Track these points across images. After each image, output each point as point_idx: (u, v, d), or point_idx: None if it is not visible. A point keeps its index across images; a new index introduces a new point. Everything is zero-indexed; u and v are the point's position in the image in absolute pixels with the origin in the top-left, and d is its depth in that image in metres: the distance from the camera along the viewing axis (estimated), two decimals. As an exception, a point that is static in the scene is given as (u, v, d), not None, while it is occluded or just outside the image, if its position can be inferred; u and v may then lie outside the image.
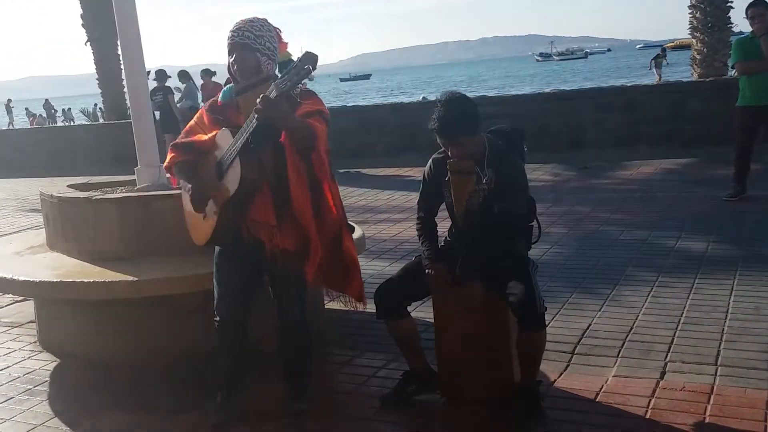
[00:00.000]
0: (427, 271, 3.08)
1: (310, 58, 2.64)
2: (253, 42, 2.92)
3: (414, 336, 3.24)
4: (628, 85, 11.74)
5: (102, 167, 12.23)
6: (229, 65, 3.00)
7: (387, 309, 3.15)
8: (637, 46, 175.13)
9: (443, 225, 3.31)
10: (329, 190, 3.00)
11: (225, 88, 3.06)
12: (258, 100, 2.68)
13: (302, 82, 2.71)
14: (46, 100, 38.76)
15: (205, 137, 2.99)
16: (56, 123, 32.67)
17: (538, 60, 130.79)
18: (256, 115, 2.70)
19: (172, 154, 3.06)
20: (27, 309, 4.66)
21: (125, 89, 4.37)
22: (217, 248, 3.08)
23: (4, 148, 15.27)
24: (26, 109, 36.19)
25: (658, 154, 9.44)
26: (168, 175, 3.20)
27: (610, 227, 6.14)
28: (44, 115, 35.41)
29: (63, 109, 36.50)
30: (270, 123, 2.73)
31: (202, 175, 3.00)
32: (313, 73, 2.68)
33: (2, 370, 3.90)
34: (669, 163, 9.01)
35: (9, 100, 42.80)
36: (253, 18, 2.99)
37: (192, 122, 3.13)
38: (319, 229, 2.95)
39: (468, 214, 3.05)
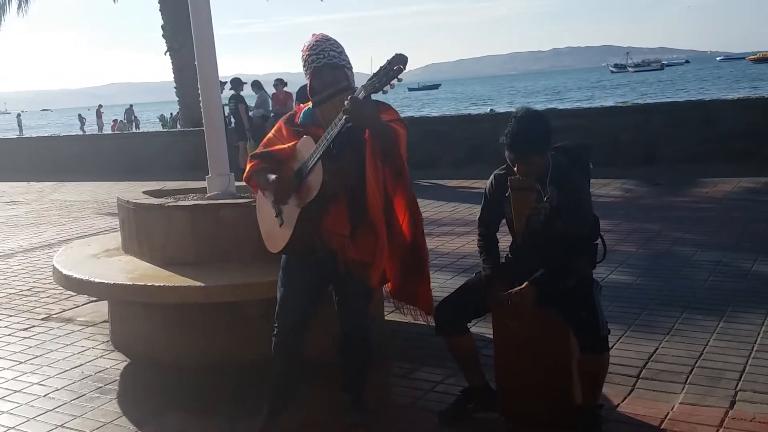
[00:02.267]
0: (487, 288, 3.05)
1: (400, 59, 2.66)
2: (339, 60, 2.96)
3: (473, 353, 3.21)
4: (706, 99, 11.33)
5: (177, 173, 12.66)
6: (309, 88, 3.00)
7: (446, 325, 3.14)
8: (718, 58, 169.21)
9: (505, 241, 3.28)
10: (404, 198, 3.02)
11: (305, 110, 3.08)
12: (346, 102, 2.71)
13: (391, 82, 2.68)
14: (130, 106, 40.41)
15: (284, 146, 3.03)
16: (138, 129, 34.05)
17: (612, 71, 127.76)
18: (342, 117, 2.72)
19: (252, 163, 3.11)
20: (101, 309, 4.85)
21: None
22: (284, 256, 3.11)
23: (87, 151, 15.99)
24: (116, 118, 37.97)
25: (736, 171, 9.07)
26: (248, 184, 3.21)
27: (682, 247, 5.94)
28: (125, 120, 36.91)
29: (131, 116, 38.14)
30: (358, 123, 2.74)
31: (283, 178, 3.01)
32: (399, 76, 2.67)
33: (75, 368, 4.08)
34: (748, 182, 8.66)
35: (100, 106, 44.95)
36: (325, 36, 3.03)
37: (270, 134, 3.17)
38: (389, 237, 2.96)
39: (528, 231, 3.02)
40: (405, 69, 2.66)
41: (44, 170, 15.58)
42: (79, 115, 51.51)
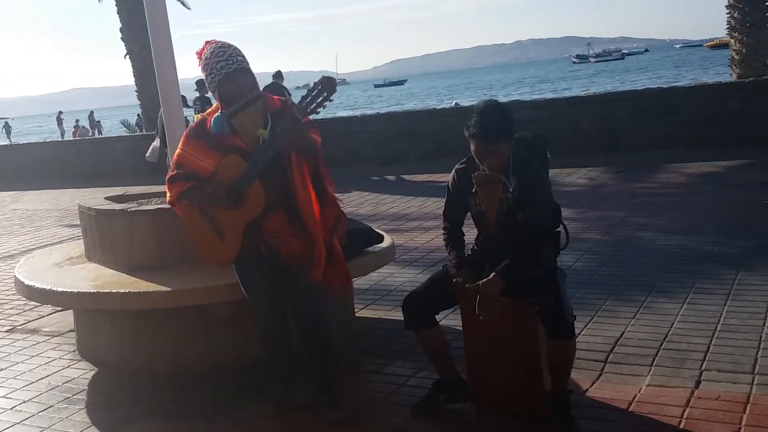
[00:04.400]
0: (454, 279, 3.07)
1: (329, 87, 2.89)
2: (246, 63, 3.02)
3: (443, 345, 3.23)
4: (665, 87, 11.53)
5: (141, 177, 12.48)
6: (219, 95, 3.01)
7: (415, 319, 3.15)
8: (677, 46, 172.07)
9: (471, 234, 3.30)
10: (330, 189, 3.19)
11: (215, 117, 3.06)
12: (285, 123, 2.90)
13: (323, 104, 2.92)
14: (91, 112, 39.72)
15: (203, 164, 3.05)
16: (101, 134, 33.48)
17: (574, 62, 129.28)
18: (276, 142, 2.91)
19: (174, 187, 3.10)
20: (67, 318, 4.77)
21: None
22: (235, 267, 3.18)
23: (48, 159, 15.69)
24: (77, 120, 37.18)
25: (697, 157, 9.25)
26: (174, 207, 3.20)
27: (645, 233, 6.04)
28: (87, 126, 36.28)
29: (93, 122, 37.52)
30: (294, 146, 2.96)
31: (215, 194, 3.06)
32: (338, 81, 2.86)
33: (42, 378, 4.00)
34: (708, 166, 8.83)
35: (60, 112, 44.09)
36: (225, 43, 3.07)
37: (179, 152, 3.13)
38: (322, 223, 3.11)
39: (497, 222, 3.04)
40: (335, 92, 2.89)
41: (4, 179, 15.25)
42: (6, 123, 49.58)
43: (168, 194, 3.16)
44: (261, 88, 3.16)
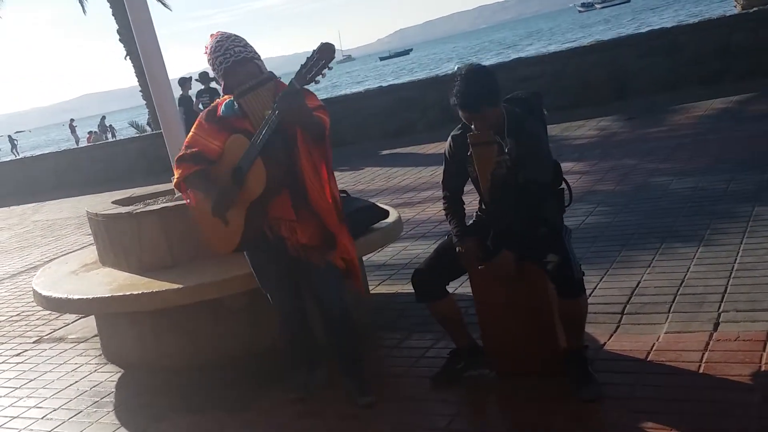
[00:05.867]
0: (457, 249, 3.06)
1: (327, 53, 2.72)
2: (246, 53, 2.97)
3: (456, 314, 3.23)
4: (668, 26, 11.28)
5: (157, 176, 12.57)
6: (224, 88, 3.01)
7: (425, 292, 3.15)
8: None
9: (472, 204, 3.28)
10: (328, 178, 3.02)
11: (226, 102, 3.05)
12: (279, 97, 2.75)
13: (321, 73, 2.76)
14: (103, 116, 39.93)
15: (212, 145, 3.03)
16: (115, 138, 33.71)
17: (580, 11, 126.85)
18: (275, 113, 2.76)
19: (181, 169, 3.10)
20: (91, 324, 4.84)
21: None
22: (247, 256, 3.16)
23: (63, 168, 15.86)
24: (91, 131, 37.37)
25: (708, 94, 9.07)
26: (179, 192, 3.23)
27: (658, 178, 5.96)
28: (99, 131, 36.54)
29: (107, 125, 37.62)
30: (291, 119, 2.80)
31: (219, 182, 3.03)
32: (344, 58, 2.74)
33: (70, 385, 4.08)
34: (719, 103, 8.66)
35: (72, 120, 44.41)
36: (225, 33, 3.03)
37: (192, 133, 3.14)
38: (341, 221, 3.01)
39: (494, 186, 3.02)
40: (334, 59, 2.73)
41: (23, 192, 15.47)
42: (9, 137, 49.74)
43: (175, 176, 3.16)
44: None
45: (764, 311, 3.22)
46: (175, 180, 3.14)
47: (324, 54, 2.74)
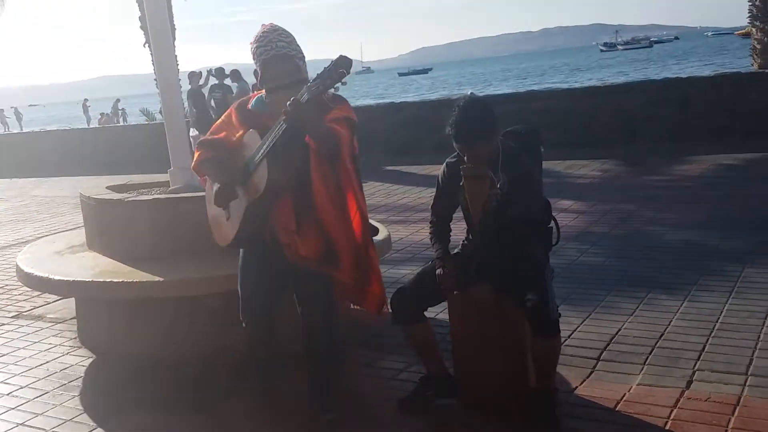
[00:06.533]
0: (437, 271, 3.05)
1: (344, 63, 2.62)
2: (288, 50, 2.91)
3: (430, 341, 3.22)
4: (683, 77, 11.33)
5: (158, 166, 12.58)
6: (260, 79, 2.96)
7: (403, 314, 3.14)
8: (708, 33, 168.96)
9: (460, 231, 3.28)
10: (354, 199, 2.93)
11: (257, 97, 3.05)
12: (288, 103, 2.67)
13: (335, 86, 2.67)
14: (117, 99, 40.03)
15: (232, 135, 3.01)
16: (126, 122, 33.79)
17: (602, 50, 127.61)
18: (282, 120, 2.71)
19: (199, 152, 3.09)
20: (71, 306, 4.83)
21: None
22: (241, 252, 3.11)
23: (70, 146, 15.91)
24: (103, 113, 37.32)
25: (714, 149, 9.10)
26: (196, 173, 3.21)
27: (654, 227, 5.95)
28: (111, 113, 36.64)
29: (120, 109, 37.63)
30: (296, 127, 2.72)
31: (230, 173, 3.00)
32: (347, 78, 2.64)
33: (41, 365, 4.07)
34: (725, 159, 8.68)
35: (85, 100, 44.53)
36: (274, 26, 2.97)
37: (219, 120, 3.14)
38: (352, 238, 2.93)
39: (483, 219, 3.01)
40: (349, 73, 2.64)
41: (28, 166, 15.49)
42: (15, 109, 48.65)
43: (194, 159, 3.13)
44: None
45: (739, 374, 3.20)
46: (193, 162, 3.13)
47: (339, 66, 2.64)
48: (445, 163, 3.18)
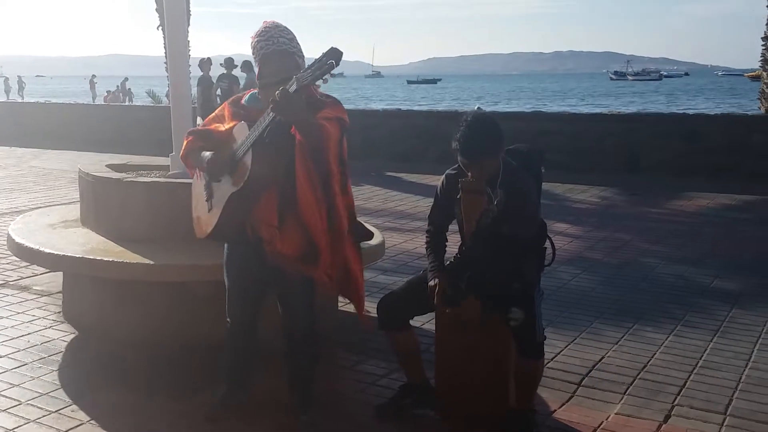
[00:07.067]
0: (430, 282, 3.05)
1: (334, 54, 2.60)
2: (289, 46, 2.90)
3: (413, 350, 3.21)
4: (690, 113, 11.37)
5: (159, 149, 12.56)
6: (258, 73, 2.94)
7: (388, 320, 3.14)
8: (719, 73, 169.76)
9: (455, 242, 3.28)
10: (338, 200, 2.89)
11: (251, 93, 3.05)
12: (276, 93, 2.65)
13: (324, 77, 2.62)
14: (125, 78, 39.94)
15: (223, 127, 3.00)
16: (131, 102, 33.73)
17: (612, 78, 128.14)
18: (271, 106, 2.68)
19: (188, 140, 3.07)
20: (58, 280, 4.81)
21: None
22: (226, 248, 3.09)
23: (74, 121, 15.88)
24: (109, 91, 37.12)
25: (715, 187, 9.13)
26: (184, 163, 3.17)
27: (647, 258, 5.96)
28: (118, 92, 36.59)
29: (128, 88, 37.48)
30: (282, 116, 2.69)
31: (219, 163, 2.95)
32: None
33: (22, 336, 4.05)
34: (724, 198, 8.70)
35: (93, 76, 44.45)
36: (276, 23, 2.97)
37: (213, 114, 3.13)
38: (331, 237, 2.88)
39: (477, 233, 3.01)
40: (338, 65, 2.61)
41: (29, 136, 15.45)
42: (19, 78, 47.94)
43: (183, 147, 3.12)
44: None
45: (717, 413, 3.21)
46: (182, 151, 3.12)
47: (329, 57, 2.59)
48: (444, 175, 3.18)
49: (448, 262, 3.19)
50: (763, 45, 13.10)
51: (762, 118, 10.51)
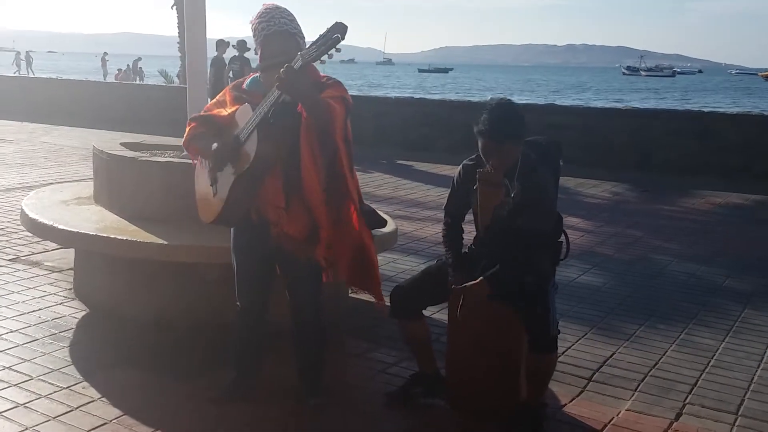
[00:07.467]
0: (450, 278, 3.01)
1: (339, 28, 2.57)
2: (290, 27, 2.86)
3: (425, 339, 3.20)
4: (705, 111, 11.29)
5: (173, 128, 12.55)
6: (260, 55, 2.89)
7: (401, 309, 3.12)
8: (733, 71, 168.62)
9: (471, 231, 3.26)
10: (348, 181, 2.87)
11: (253, 77, 3.01)
12: (282, 70, 2.61)
13: (329, 52, 2.59)
14: (139, 58, 39.80)
15: (224, 112, 2.96)
16: (142, 81, 33.67)
17: (624, 73, 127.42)
18: (276, 86, 2.66)
19: (191, 126, 3.03)
20: (69, 256, 4.81)
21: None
22: (232, 233, 3.07)
23: (85, 98, 15.88)
24: (120, 69, 36.95)
25: (727, 186, 9.07)
26: (186, 150, 3.10)
27: (659, 256, 5.93)
28: (130, 71, 36.53)
29: (140, 67, 37.31)
30: (289, 93, 2.67)
31: (222, 148, 2.90)
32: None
33: (33, 311, 4.06)
34: (737, 197, 8.65)
35: (105, 53, 44.41)
36: (276, 4, 2.93)
37: (215, 99, 3.09)
38: (337, 219, 2.88)
39: (492, 225, 2.99)
40: (344, 39, 2.56)
41: (40, 111, 15.46)
42: (27, 53, 47.77)
43: (185, 134, 3.08)
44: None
45: (729, 413, 3.19)
46: (184, 138, 3.10)
47: (334, 32, 2.56)
48: (461, 165, 3.15)
49: (463, 251, 3.15)
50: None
51: (777, 118, 10.39)
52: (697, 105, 37.46)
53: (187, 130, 3.05)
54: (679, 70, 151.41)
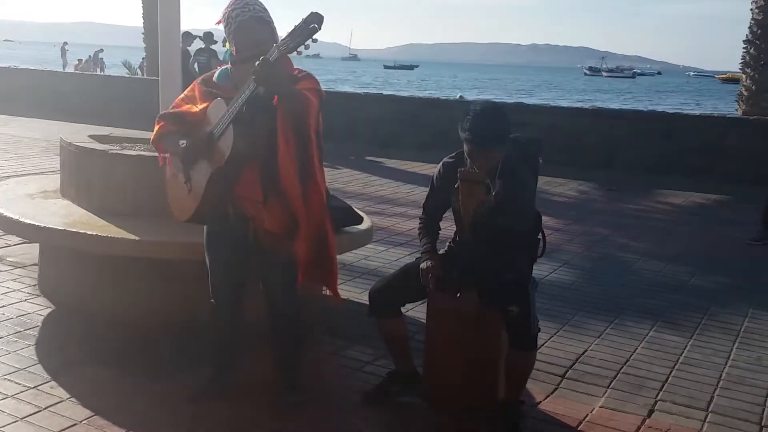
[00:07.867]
0: (422, 264, 3.00)
1: (315, 18, 2.54)
2: (265, 14, 2.82)
3: (403, 337, 3.19)
4: (669, 112, 11.50)
5: (135, 121, 12.31)
6: (235, 46, 2.84)
7: (379, 307, 3.11)
8: (690, 74, 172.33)
9: (448, 230, 3.26)
10: (317, 175, 2.85)
11: (221, 69, 2.95)
12: (257, 62, 2.58)
13: (306, 43, 2.56)
14: (101, 49, 38.96)
15: (195, 108, 2.89)
16: (103, 72, 32.99)
17: (586, 73, 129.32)
18: (252, 79, 2.62)
19: (160, 125, 2.96)
20: (34, 251, 4.68)
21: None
22: (205, 229, 3.01)
23: (44, 88, 15.48)
24: (81, 60, 36.14)
25: (690, 186, 9.25)
26: (155, 148, 3.04)
27: (626, 254, 6.03)
28: (91, 61, 35.76)
29: (100, 58, 36.57)
30: (266, 85, 2.63)
31: (194, 146, 2.86)
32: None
33: (-3, 308, 3.94)
34: (699, 197, 8.84)
35: (65, 43, 43.40)
36: None
37: (182, 95, 3.02)
38: (308, 210, 2.83)
39: (473, 223, 2.99)
40: (320, 29, 2.54)
41: (-3, 102, 15.03)
42: None
43: (154, 132, 3.01)
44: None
45: (699, 410, 3.25)
46: (153, 136, 3.02)
47: (310, 22, 2.54)
48: (441, 163, 3.14)
49: (441, 251, 3.16)
50: (744, 48, 13.29)
51: (737, 120, 10.67)
52: (660, 106, 38.20)
53: (157, 128, 2.97)
54: (639, 71, 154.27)
